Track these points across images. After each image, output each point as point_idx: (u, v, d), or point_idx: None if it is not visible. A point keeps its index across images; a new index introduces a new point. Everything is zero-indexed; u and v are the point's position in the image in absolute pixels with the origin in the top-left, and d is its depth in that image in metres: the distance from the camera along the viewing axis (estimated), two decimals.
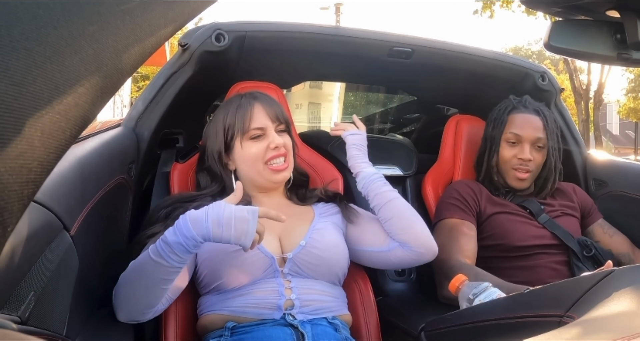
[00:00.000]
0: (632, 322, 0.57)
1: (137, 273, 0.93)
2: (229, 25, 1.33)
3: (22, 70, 0.27)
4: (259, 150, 1.14)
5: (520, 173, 1.45)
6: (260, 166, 1.15)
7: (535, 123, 1.45)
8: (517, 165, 1.45)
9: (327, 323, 1.07)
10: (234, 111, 1.16)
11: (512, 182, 1.47)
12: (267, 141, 1.15)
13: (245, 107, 1.16)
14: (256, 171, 1.15)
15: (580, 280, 0.79)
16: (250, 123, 1.14)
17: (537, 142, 1.45)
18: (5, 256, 0.51)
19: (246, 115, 1.15)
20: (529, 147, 1.44)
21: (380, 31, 1.50)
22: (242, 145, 1.15)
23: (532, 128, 1.44)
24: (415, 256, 1.15)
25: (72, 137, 0.31)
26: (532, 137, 1.44)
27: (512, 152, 1.45)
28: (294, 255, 1.08)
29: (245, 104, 1.16)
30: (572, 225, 1.45)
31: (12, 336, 0.34)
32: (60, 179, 0.77)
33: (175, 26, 0.35)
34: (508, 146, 1.46)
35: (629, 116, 20.47)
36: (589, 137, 14.39)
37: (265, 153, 1.14)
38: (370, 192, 1.20)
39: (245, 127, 1.14)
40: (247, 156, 1.15)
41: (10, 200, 0.27)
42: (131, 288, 0.95)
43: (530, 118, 1.46)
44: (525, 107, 1.47)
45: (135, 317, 0.97)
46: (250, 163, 1.15)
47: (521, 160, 1.44)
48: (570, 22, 0.90)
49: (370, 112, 3.07)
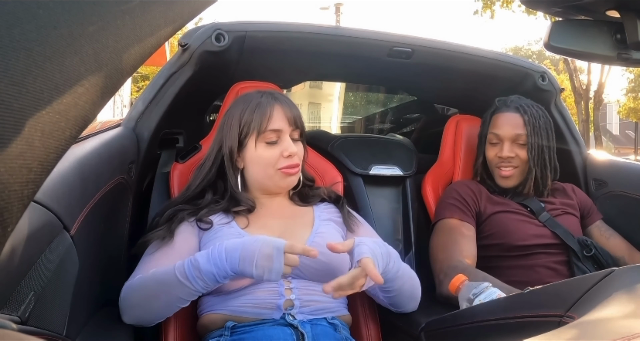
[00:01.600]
0: (632, 322, 0.57)
1: (157, 287, 0.94)
2: (229, 25, 1.33)
3: (22, 70, 0.27)
4: (273, 155, 1.11)
5: (504, 171, 1.46)
6: (272, 170, 1.13)
7: (514, 121, 1.45)
8: (499, 164, 1.47)
9: (326, 323, 1.07)
10: (253, 108, 1.12)
11: (499, 180, 1.48)
12: (281, 147, 1.12)
13: (264, 106, 1.12)
14: (267, 175, 1.14)
15: (580, 280, 0.79)
16: (268, 123, 1.11)
17: (517, 139, 1.45)
18: (5, 256, 0.51)
19: (265, 115, 1.11)
20: (509, 144, 1.45)
21: (380, 31, 1.50)
22: (256, 146, 1.12)
23: (510, 126, 1.45)
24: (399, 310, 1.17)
25: (72, 137, 0.31)
26: (510, 135, 1.45)
27: (494, 151, 1.48)
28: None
29: (265, 103, 1.12)
30: (573, 224, 1.45)
31: (12, 336, 0.34)
32: (60, 179, 0.77)
33: (175, 26, 0.35)
34: (491, 146, 1.49)
35: (629, 116, 20.47)
36: (589, 137, 14.39)
37: (278, 161, 1.12)
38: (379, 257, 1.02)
39: (263, 127, 1.10)
40: (259, 158, 1.13)
41: (10, 200, 0.27)
42: (146, 299, 0.96)
43: (509, 116, 1.47)
44: (507, 106, 1.48)
45: (142, 323, 0.99)
46: (262, 166, 1.13)
47: (501, 158, 1.46)
48: (570, 22, 0.90)
49: (370, 112, 3.07)
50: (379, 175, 1.58)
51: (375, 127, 2.78)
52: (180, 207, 1.13)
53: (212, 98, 1.58)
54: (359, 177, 1.56)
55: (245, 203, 1.14)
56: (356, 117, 3.36)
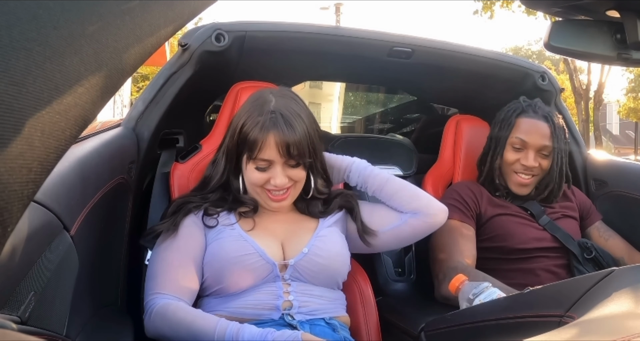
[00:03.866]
0: (632, 322, 0.57)
1: (189, 335, 0.94)
2: (229, 25, 1.33)
3: (22, 70, 0.27)
4: (259, 179, 1.08)
5: (522, 178, 1.42)
6: (259, 190, 1.10)
7: (543, 130, 1.41)
8: (519, 170, 1.42)
9: (324, 323, 1.07)
10: (253, 125, 1.05)
11: (513, 186, 1.44)
12: (270, 174, 1.07)
13: (261, 133, 1.04)
14: (255, 192, 1.12)
15: (580, 280, 0.79)
16: (259, 153, 1.05)
17: (542, 150, 1.41)
18: (5, 256, 0.51)
19: (257, 143, 1.05)
20: (533, 154, 1.41)
21: (380, 31, 1.50)
22: (246, 166, 1.09)
23: (539, 136, 1.41)
24: (430, 220, 1.17)
25: (72, 137, 0.31)
26: (538, 145, 1.41)
27: (516, 157, 1.43)
28: (295, 262, 1.08)
29: (264, 129, 1.04)
30: (573, 228, 1.45)
31: (12, 336, 0.34)
32: (60, 179, 0.77)
33: (175, 26, 0.35)
34: (512, 150, 1.43)
35: (629, 116, 20.46)
36: (589, 137, 14.39)
37: (265, 184, 1.08)
38: (368, 178, 1.19)
39: (254, 154, 1.06)
40: (247, 177, 1.11)
41: (10, 200, 0.27)
42: (174, 334, 0.96)
43: (538, 124, 1.42)
44: (535, 112, 1.43)
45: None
46: (250, 184, 1.11)
47: (524, 166, 1.41)
48: (570, 22, 0.90)
49: (370, 112, 3.07)
50: None
51: (375, 127, 2.78)
52: (188, 199, 1.13)
53: (212, 98, 1.58)
54: None
55: (250, 204, 1.13)
56: (356, 117, 3.37)
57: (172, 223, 1.08)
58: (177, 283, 1.03)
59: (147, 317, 0.99)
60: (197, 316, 0.97)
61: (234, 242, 1.06)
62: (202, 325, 0.94)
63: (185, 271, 1.04)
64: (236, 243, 1.06)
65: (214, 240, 1.08)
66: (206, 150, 1.33)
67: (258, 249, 1.06)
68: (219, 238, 1.08)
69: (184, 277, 1.04)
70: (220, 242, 1.07)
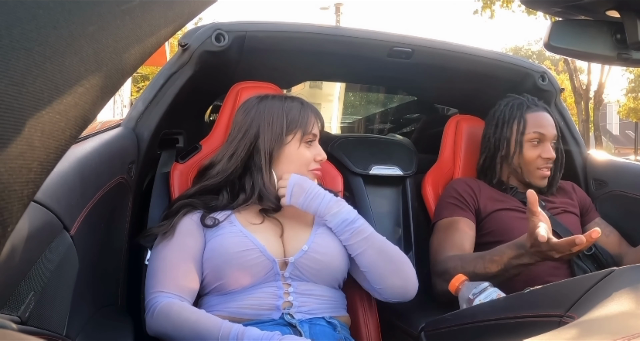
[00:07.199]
0: (632, 322, 0.57)
1: (193, 335, 0.94)
2: (229, 25, 1.33)
3: (22, 70, 0.27)
4: (311, 156, 1.16)
5: (545, 171, 1.45)
6: (304, 170, 1.16)
7: (551, 121, 1.46)
8: (542, 165, 1.44)
9: (325, 322, 1.07)
10: (299, 108, 1.16)
11: (537, 181, 1.45)
12: (314, 151, 1.17)
13: (307, 110, 1.17)
14: (299, 173, 1.15)
15: (580, 280, 0.79)
16: (313, 126, 1.17)
17: (554, 140, 1.46)
18: (5, 256, 0.51)
19: (310, 117, 1.17)
20: (549, 144, 1.45)
21: (380, 31, 1.50)
22: (299, 145, 1.15)
23: (551, 127, 1.45)
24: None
25: (72, 137, 0.31)
26: (552, 135, 1.45)
27: (536, 152, 1.44)
28: (296, 260, 1.08)
29: (307, 107, 1.18)
30: (573, 223, 1.45)
31: (12, 336, 0.34)
32: (60, 179, 0.77)
33: (175, 26, 0.35)
34: (532, 146, 1.44)
35: (629, 116, 20.46)
36: (589, 137, 14.39)
37: (311, 162, 1.17)
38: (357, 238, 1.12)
39: (309, 128, 1.15)
40: (298, 157, 1.15)
41: (10, 200, 0.27)
42: (177, 333, 0.96)
43: (545, 115, 1.46)
44: (536, 105, 1.48)
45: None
46: (298, 165, 1.15)
47: (546, 159, 1.43)
48: (570, 22, 0.90)
49: (370, 112, 3.07)
50: (379, 175, 1.58)
51: (375, 127, 2.78)
52: (188, 202, 1.13)
53: (212, 98, 1.58)
54: (359, 177, 1.56)
55: (273, 202, 1.13)
56: (356, 117, 3.36)
57: (171, 224, 1.08)
58: (178, 281, 1.03)
59: (150, 315, 0.99)
60: (202, 316, 0.97)
61: (234, 238, 1.07)
62: (206, 325, 0.94)
63: (186, 270, 1.04)
64: (236, 239, 1.06)
65: (214, 237, 1.08)
66: (206, 150, 1.33)
67: (258, 245, 1.06)
68: (218, 234, 1.08)
69: (185, 276, 1.04)
70: (220, 238, 1.07)
